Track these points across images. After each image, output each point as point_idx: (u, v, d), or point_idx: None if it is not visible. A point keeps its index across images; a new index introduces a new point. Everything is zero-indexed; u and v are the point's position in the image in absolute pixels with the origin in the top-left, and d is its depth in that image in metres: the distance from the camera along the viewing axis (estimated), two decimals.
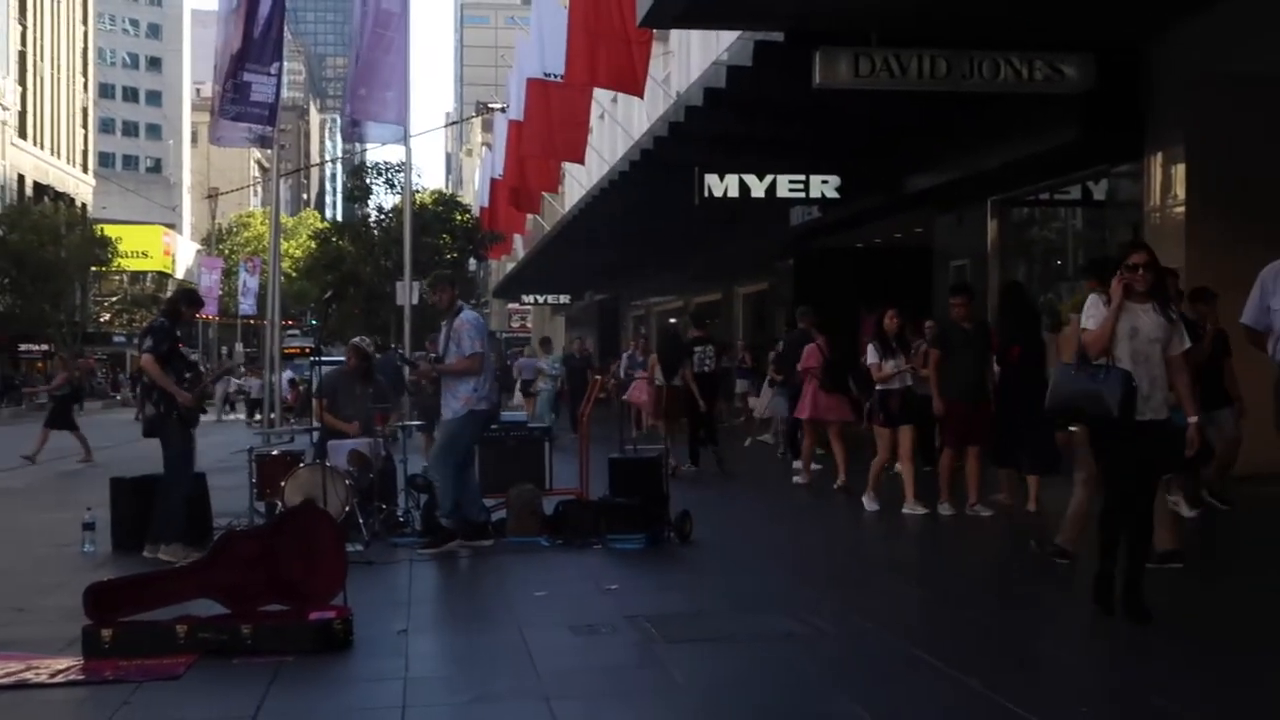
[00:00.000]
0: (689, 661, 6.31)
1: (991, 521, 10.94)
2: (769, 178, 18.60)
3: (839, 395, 13.92)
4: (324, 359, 13.87)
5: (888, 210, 20.54)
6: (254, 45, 21.97)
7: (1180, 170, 13.70)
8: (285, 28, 23.30)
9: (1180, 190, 13.70)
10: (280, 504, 10.36)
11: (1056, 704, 5.34)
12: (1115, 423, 6.64)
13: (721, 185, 18.48)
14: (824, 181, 18.92)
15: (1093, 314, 6.91)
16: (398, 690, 5.86)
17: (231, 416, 36.99)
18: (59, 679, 6.23)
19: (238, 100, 21.66)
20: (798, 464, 14.86)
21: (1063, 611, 7.56)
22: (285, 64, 26.24)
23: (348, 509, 10.25)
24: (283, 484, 10.44)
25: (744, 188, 18.61)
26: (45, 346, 62.96)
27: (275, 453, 11.32)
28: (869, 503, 11.91)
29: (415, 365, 11.23)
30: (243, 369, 41.48)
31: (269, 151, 30.23)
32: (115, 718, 5.57)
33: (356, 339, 12.96)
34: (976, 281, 19.17)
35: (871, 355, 11.88)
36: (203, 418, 10.80)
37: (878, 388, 11.87)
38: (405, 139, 25.40)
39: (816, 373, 13.96)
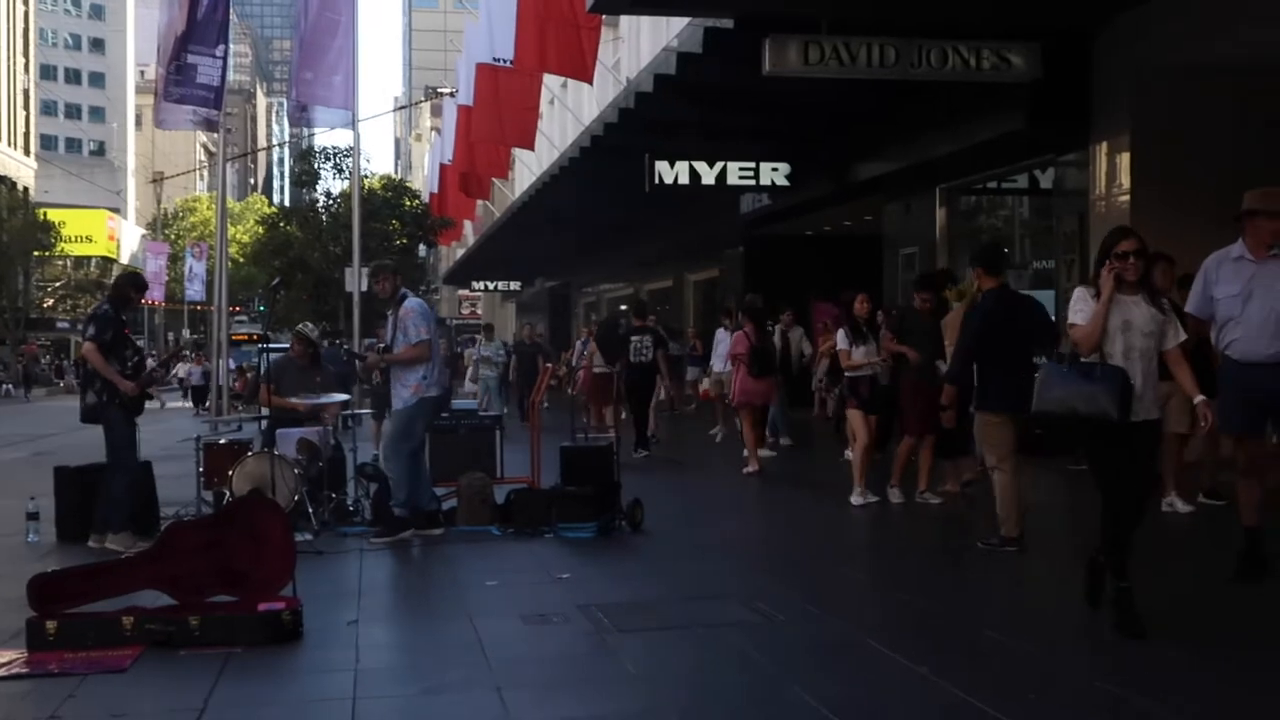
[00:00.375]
0: (641, 650, 6.32)
1: (940, 509, 11.02)
2: (719, 165, 18.66)
3: (767, 380, 14.31)
4: (271, 345, 13.73)
5: (837, 198, 20.64)
6: (198, 27, 21.72)
7: (1125, 159, 13.83)
8: (231, 9, 23.06)
9: (1125, 179, 13.84)
10: (228, 493, 10.27)
11: (1005, 692, 5.38)
12: (1110, 424, 6.24)
13: (672, 172, 18.52)
14: (774, 169, 19.01)
15: (1080, 308, 6.48)
16: (348, 681, 5.83)
17: (177, 404, 36.57)
18: (2, 672, 6.15)
19: (182, 82, 21.42)
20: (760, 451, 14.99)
21: (1014, 599, 7.64)
22: (231, 46, 25.95)
23: (297, 498, 10.17)
24: (231, 473, 10.34)
25: (694, 175, 18.65)
26: None
27: (223, 441, 11.21)
28: (857, 498, 11.26)
29: (363, 358, 11.15)
30: (188, 353, 41.10)
31: (215, 135, 29.94)
32: (60, 711, 5.50)
33: (300, 326, 12.84)
34: (926, 268, 19.31)
35: (841, 341, 11.68)
36: (148, 404, 10.66)
37: (848, 374, 11.67)
38: (354, 123, 25.24)
39: (745, 359, 14.20)
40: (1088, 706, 5.30)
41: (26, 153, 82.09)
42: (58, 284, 68.62)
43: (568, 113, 34.97)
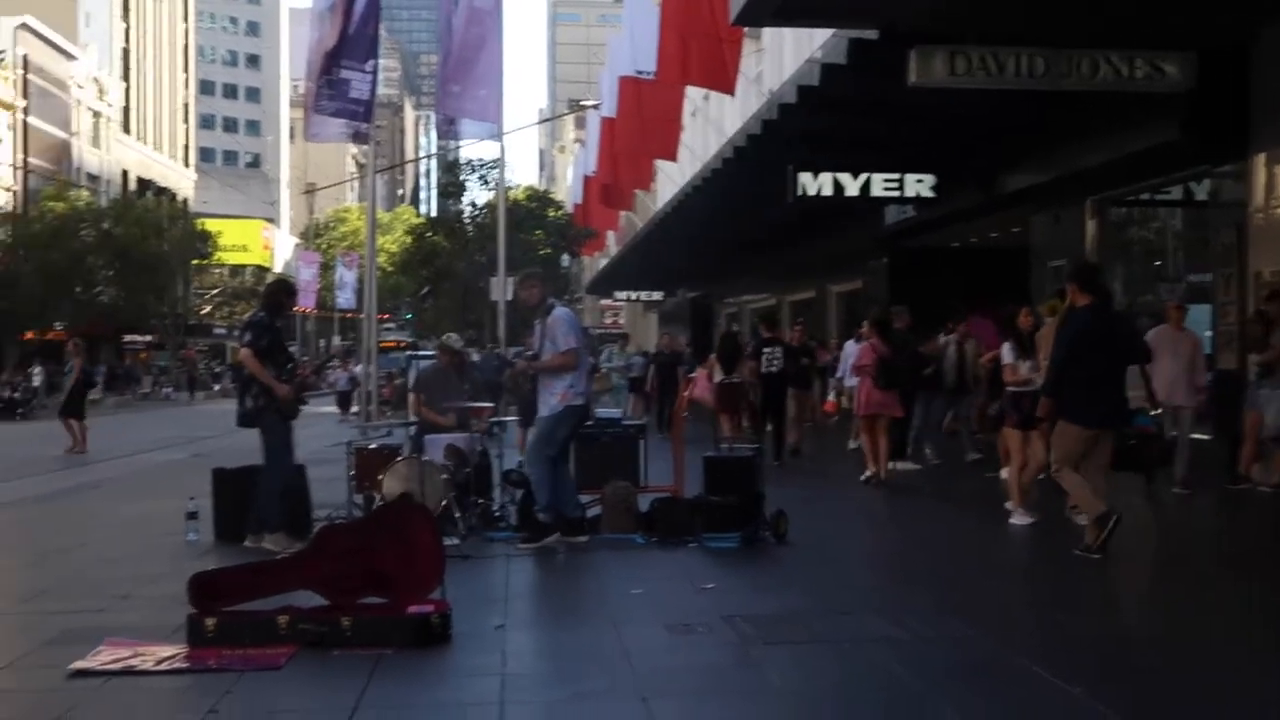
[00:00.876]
0: (786, 663, 6.30)
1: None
2: (863, 176, 18.50)
3: (892, 392, 14.37)
4: (419, 354, 14.03)
5: (984, 209, 20.34)
6: (349, 42, 22.20)
7: None
8: (380, 25, 23.58)
9: None
10: (378, 497, 10.50)
11: (1163, 715, 5.24)
12: None
13: (815, 183, 18.42)
14: (919, 180, 18.79)
15: None
16: (495, 685, 5.91)
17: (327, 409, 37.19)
18: (164, 666, 6.36)
19: (333, 96, 21.94)
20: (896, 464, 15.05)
21: (1176, 619, 7.43)
22: (380, 61, 26.53)
23: (444, 503, 10.35)
24: (380, 477, 10.58)
25: (838, 186, 18.53)
26: (149, 338, 64.35)
27: (373, 446, 11.46)
28: (1020, 517, 10.81)
29: (512, 364, 11.30)
30: (335, 361, 41.89)
31: (365, 147, 30.62)
32: (218, 706, 5.67)
33: (445, 337, 13.09)
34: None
35: (1007, 355, 11.22)
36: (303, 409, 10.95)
37: (1010, 389, 11.16)
38: (499, 136, 25.61)
39: (870, 370, 14.34)
40: None
41: (186, 165, 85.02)
42: (215, 291, 70.76)
43: (710, 124, 35.04)
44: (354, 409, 33.07)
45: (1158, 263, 18.80)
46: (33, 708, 5.78)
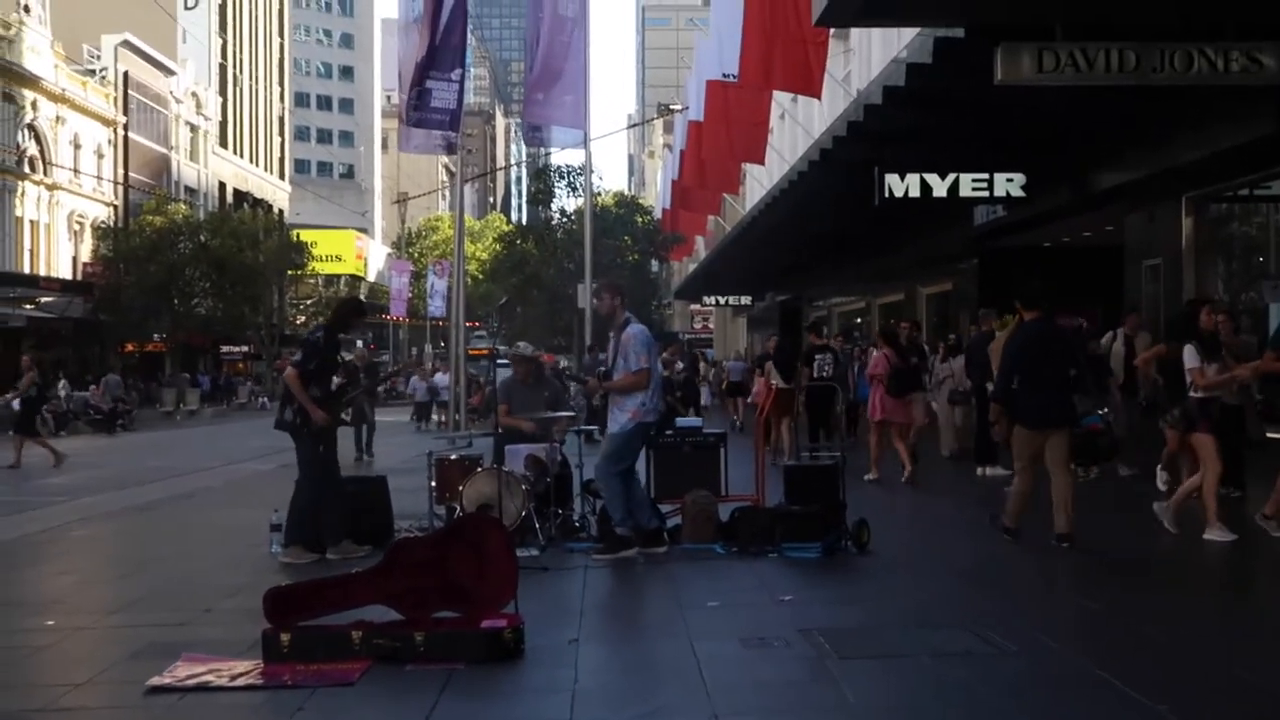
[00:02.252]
0: (862, 679, 6.15)
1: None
2: (951, 176, 18.19)
3: (904, 399, 15.26)
4: (502, 362, 14.05)
5: (1076, 208, 19.94)
6: (436, 53, 22.43)
7: None
8: (469, 34, 23.73)
9: None
10: (459, 508, 10.51)
11: None
12: None
13: (902, 185, 18.15)
14: (1009, 179, 18.42)
15: None
16: (565, 703, 5.84)
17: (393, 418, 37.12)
18: (239, 682, 6.37)
19: (420, 107, 22.15)
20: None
21: (1269, 635, 7.17)
22: (470, 70, 26.68)
23: (524, 513, 10.32)
24: (461, 488, 10.58)
25: (925, 187, 18.24)
26: (245, 348, 65.41)
27: (454, 457, 11.47)
28: (1219, 534, 10.00)
29: (585, 381, 11.25)
30: (411, 371, 41.78)
31: (455, 156, 30.91)
32: None
33: (516, 346, 13.08)
34: (1171, 281, 18.51)
35: (1191, 359, 10.34)
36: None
37: (1196, 394, 10.30)
38: (585, 142, 25.71)
39: (883, 379, 15.16)
40: None
41: (281, 176, 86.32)
42: (309, 301, 71.72)
43: (798, 127, 34.80)
44: (436, 418, 33.23)
45: (1260, 259, 18.29)
46: None
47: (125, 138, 59.73)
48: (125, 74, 59.96)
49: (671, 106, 53.38)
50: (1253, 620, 7.57)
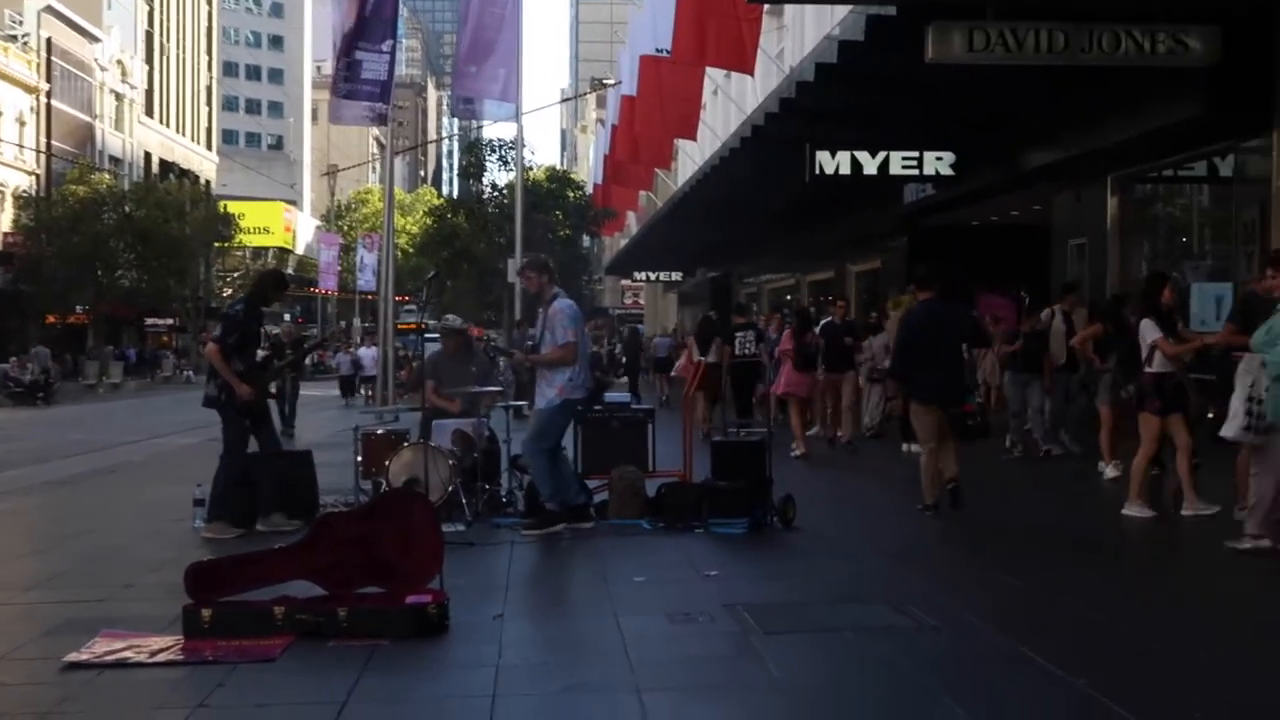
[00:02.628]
0: (786, 654, 6.17)
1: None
2: (882, 154, 18.31)
3: (808, 374, 15.82)
4: (429, 336, 13.93)
5: (1004, 187, 20.13)
6: (366, 24, 22.19)
7: None
8: (400, 5, 23.48)
9: None
10: (385, 482, 10.43)
11: (1168, 710, 5.11)
12: None
13: (833, 162, 18.25)
14: (938, 158, 18.58)
15: None
16: (489, 678, 5.81)
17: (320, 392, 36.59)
18: (159, 658, 6.29)
19: (350, 79, 21.91)
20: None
21: (1189, 611, 7.28)
22: (402, 41, 26.43)
23: (451, 489, 10.26)
24: (387, 463, 10.50)
25: (856, 164, 18.34)
26: (171, 321, 64.52)
27: (380, 431, 11.37)
28: (1137, 510, 10.12)
29: (510, 354, 11.17)
30: (336, 343, 41.39)
31: (386, 128, 30.59)
32: (210, 699, 5.59)
33: (445, 319, 12.92)
34: (1096, 261, 18.73)
35: (1151, 331, 10.01)
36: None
37: (1151, 370, 10.01)
38: (517, 116, 25.55)
39: (790, 354, 15.88)
40: None
41: (209, 147, 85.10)
42: (236, 274, 70.82)
43: (731, 103, 34.82)
44: (364, 393, 32.89)
45: (1184, 239, 18.56)
46: (23, 701, 5.70)
47: (48, 105, 58.58)
48: (48, 40, 58.76)
49: (604, 81, 53.18)
50: (1169, 596, 7.68)
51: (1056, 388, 14.77)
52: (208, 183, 78.81)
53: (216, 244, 62.73)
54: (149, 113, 73.53)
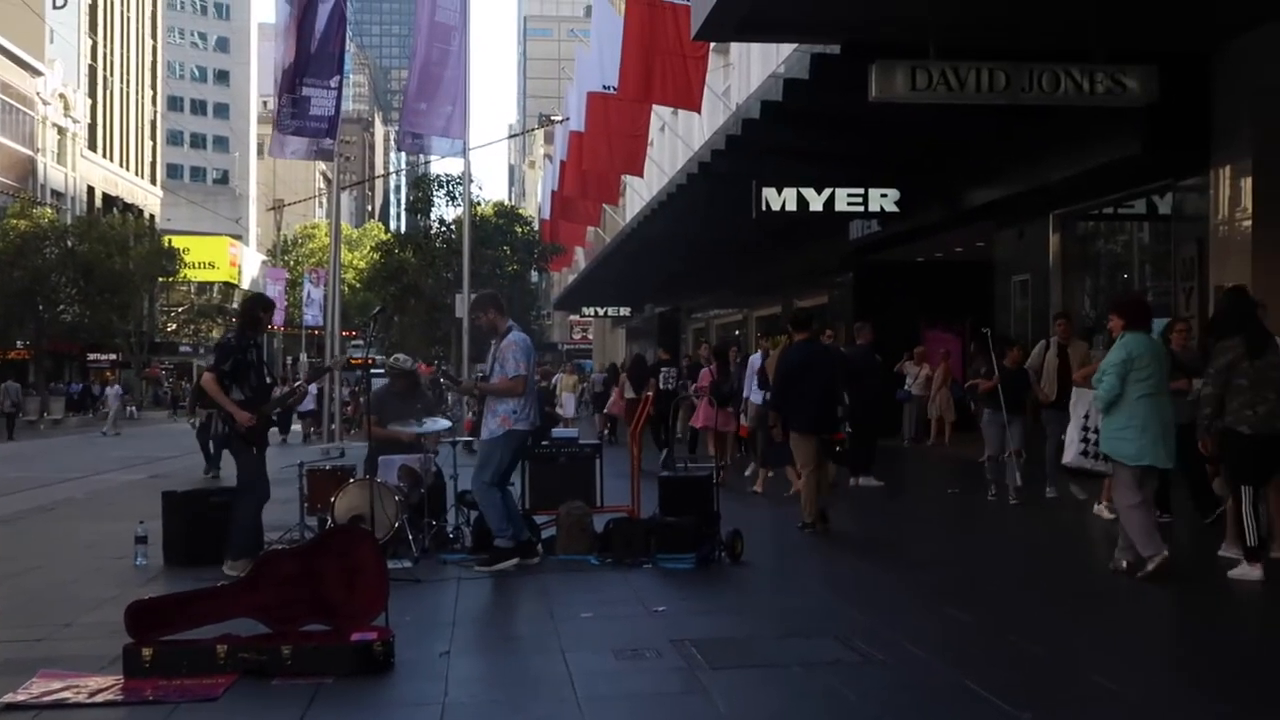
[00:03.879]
0: (733, 690, 6.17)
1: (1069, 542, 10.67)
2: (827, 191, 18.48)
3: (726, 410, 16.71)
4: (374, 372, 13.85)
5: (948, 224, 20.33)
6: (312, 60, 22.19)
7: (1247, 184, 13.44)
8: (348, 41, 23.48)
9: (1248, 203, 13.44)
10: (330, 519, 10.34)
11: None
12: None
13: (779, 198, 18.38)
14: (883, 195, 18.77)
15: None
16: (435, 715, 5.76)
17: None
18: (98, 698, 6.19)
19: (296, 114, 21.87)
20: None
21: (1129, 642, 7.34)
22: (351, 76, 26.52)
23: (397, 525, 10.20)
24: (333, 499, 10.42)
25: (802, 201, 18.49)
26: (113, 356, 63.86)
27: (326, 467, 11.29)
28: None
29: (458, 382, 11.13)
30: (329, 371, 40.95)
31: (332, 163, 30.51)
32: None
33: (393, 359, 12.81)
34: (1039, 296, 18.94)
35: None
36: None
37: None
38: (464, 151, 25.56)
39: (707, 391, 17.02)
40: None
41: (153, 181, 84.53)
42: (181, 309, 70.32)
43: (679, 139, 35.01)
44: (310, 429, 32.59)
45: (1124, 276, 18.80)
46: None
47: None
48: None
49: (552, 117, 53.31)
50: (1116, 632, 7.72)
51: (1053, 427, 13.48)
52: (152, 217, 78.20)
53: (161, 279, 62.25)
54: (92, 147, 72.97)
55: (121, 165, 78.52)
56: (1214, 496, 10.64)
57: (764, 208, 18.35)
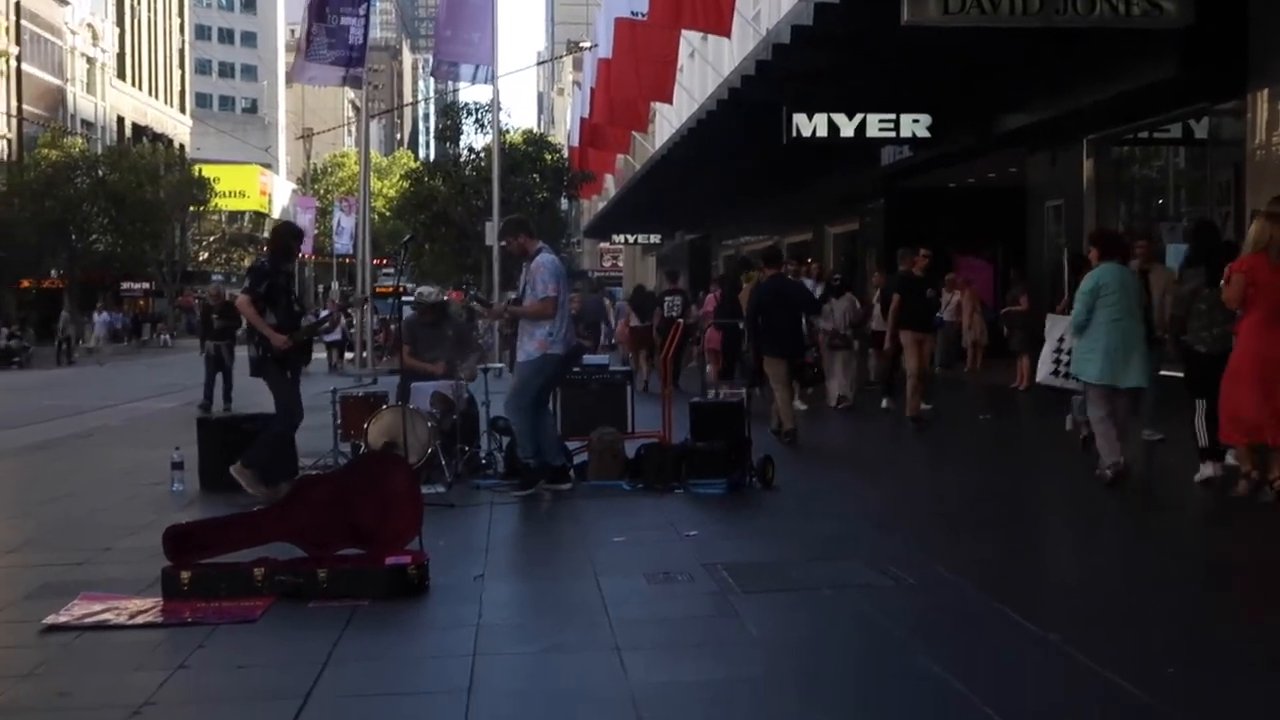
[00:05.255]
0: (765, 612, 6.23)
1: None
2: (858, 117, 18.27)
3: (718, 333, 18.43)
4: (406, 300, 13.89)
5: (980, 149, 20.14)
6: None
7: None
8: None
9: None
10: (364, 445, 10.44)
11: (1140, 663, 5.17)
12: None
13: (810, 124, 18.20)
14: (915, 120, 18.55)
15: None
16: (469, 638, 5.83)
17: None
18: (138, 620, 6.30)
19: (325, 41, 21.80)
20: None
21: (1161, 564, 7.36)
22: (378, 4, 26.39)
23: (430, 451, 10.28)
24: (366, 425, 10.50)
25: (833, 127, 18.31)
26: (146, 285, 64.18)
27: (359, 394, 11.37)
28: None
29: (489, 306, 11.14)
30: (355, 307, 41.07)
31: (361, 91, 30.45)
32: (190, 661, 5.61)
33: (418, 291, 12.77)
34: (1072, 222, 18.79)
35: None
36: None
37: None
38: (492, 79, 25.46)
39: (712, 317, 18.66)
40: (1238, 680, 5.06)
41: (182, 110, 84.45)
42: (212, 238, 70.49)
43: (708, 65, 34.69)
44: (349, 357, 32.71)
45: (1159, 201, 18.62)
46: (2, 664, 5.72)
47: (18, 69, 57.97)
48: (17, 4, 58.09)
49: (580, 44, 52.85)
50: (1147, 555, 7.74)
51: None
52: (181, 146, 78.17)
53: (191, 208, 62.34)
54: (121, 76, 72.90)
55: (150, 94, 78.44)
56: None
57: (794, 134, 18.18)
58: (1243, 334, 8.85)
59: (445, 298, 13.12)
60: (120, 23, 73.09)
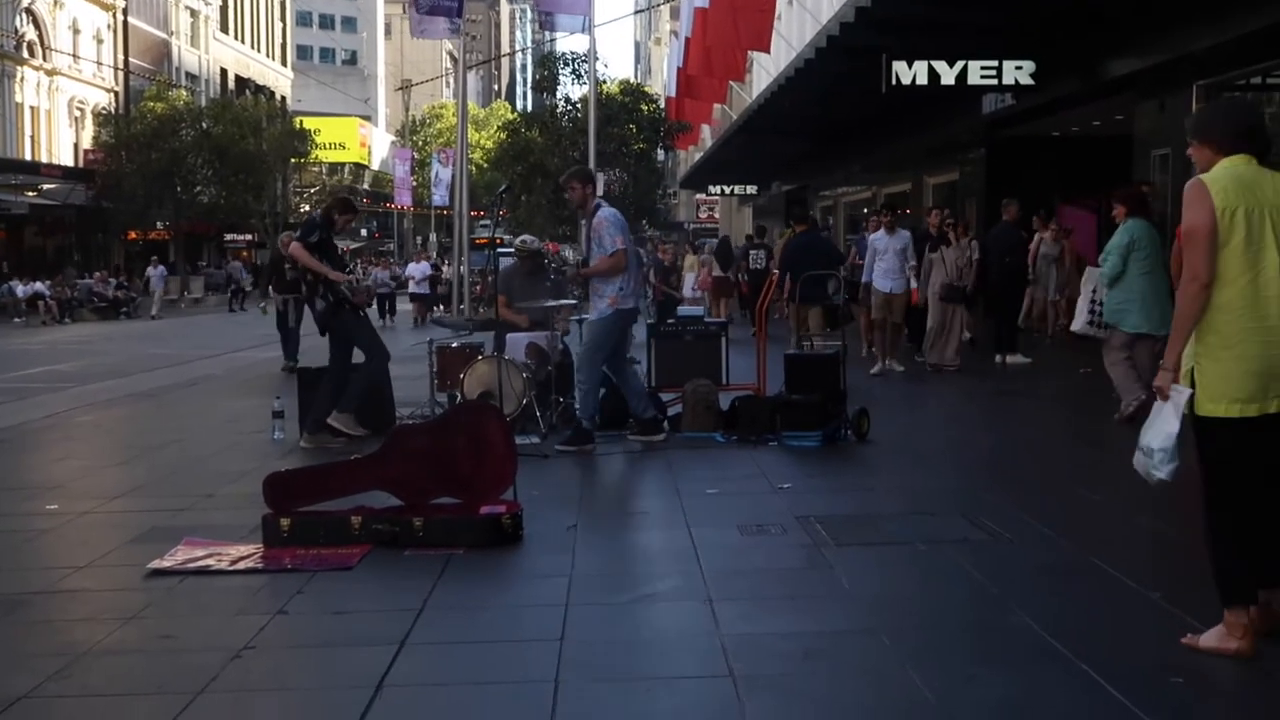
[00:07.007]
0: (858, 566, 6.19)
1: None
2: (959, 64, 17.89)
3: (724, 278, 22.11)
4: (502, 250, 13.96)
5: (1085, 96, 19.66)
6: None
7: None
8: None
9: None
10: (460, 395, 10.53)
11: None
12: None
13: (910, 72, 17.87)
14: (1018, 67, 18.12)
15: None
16: (562, 587, 5.87)
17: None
18: (240, 566, 6.43)
19: None
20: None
21: None
22: None
23: (525, 401, 10.33)
24: (462, 376, 10.59)
25: (933, 74, 17.95)
26: (249, 237, 65.13)
27: (455, 345, 11.46)
28: None
29: (564, 271, 11.14)
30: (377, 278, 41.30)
31: (459, 42, 30.52)
32: (289, 606, 5.71)
33: (519, 240, 12.92)
34: (1180, 173, 18.30)
35: None
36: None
37: None
38: (589, 29, 25.34)
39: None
40: None
41: (283, 63, 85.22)
42: (313, 190, 71.23)
43: (806, 13, 34.25)
44: (438, 309, 32.77)
45: (1276, 150, 18.06)
46: (109, 606, 5.85)
47: (125, 22, 58.88)
48: None
49: None
50: None
51: None
52: (283, 99, 78.99)
53: (293, 160, 63.01)
54: (224, 29, 73.73)
55: (252, 47, 79.28)
56: None
57: (894, 82, 17.87)
58: None
59: (543, 248, 13.22)
60: None
